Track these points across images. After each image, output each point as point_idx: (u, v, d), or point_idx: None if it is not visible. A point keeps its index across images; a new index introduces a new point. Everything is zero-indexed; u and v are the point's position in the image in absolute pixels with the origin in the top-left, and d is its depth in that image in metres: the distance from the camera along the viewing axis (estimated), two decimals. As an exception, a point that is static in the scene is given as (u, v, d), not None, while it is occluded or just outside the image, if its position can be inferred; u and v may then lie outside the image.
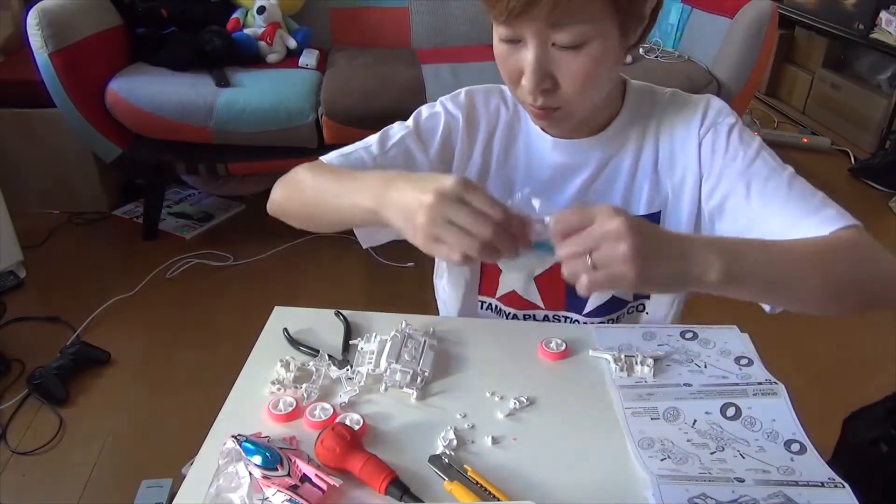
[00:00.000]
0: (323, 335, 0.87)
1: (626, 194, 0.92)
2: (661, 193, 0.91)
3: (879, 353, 2.04)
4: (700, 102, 0.90)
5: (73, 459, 1.64)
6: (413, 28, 2.80)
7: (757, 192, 0.82)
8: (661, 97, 0.92)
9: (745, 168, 0.84)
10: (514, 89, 0.82)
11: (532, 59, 0.75)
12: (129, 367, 1.94)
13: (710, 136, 0.87)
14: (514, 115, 0.93)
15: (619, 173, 0.91)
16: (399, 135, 0.91)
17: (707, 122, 0.88)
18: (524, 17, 0.71)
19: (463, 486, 0.65)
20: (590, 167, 0.91)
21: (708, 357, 0.83)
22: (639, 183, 0.91)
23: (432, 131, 0.92)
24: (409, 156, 0.90)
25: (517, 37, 0.75)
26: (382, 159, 0.89)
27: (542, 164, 0.92)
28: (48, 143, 2.52)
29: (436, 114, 0.93)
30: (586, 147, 0.90)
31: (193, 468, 0.67)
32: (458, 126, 0.92)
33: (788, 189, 0.81)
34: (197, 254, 2.43)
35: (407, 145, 0.90)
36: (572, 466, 0.69)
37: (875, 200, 2.96)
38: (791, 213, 0.79)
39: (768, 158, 0.85)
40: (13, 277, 2.26)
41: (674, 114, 0.90)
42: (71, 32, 2.13)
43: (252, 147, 2.30)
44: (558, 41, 0.73)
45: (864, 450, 1.28)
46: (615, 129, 0.90)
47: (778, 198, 0.81)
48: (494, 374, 0.81)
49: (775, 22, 2.36)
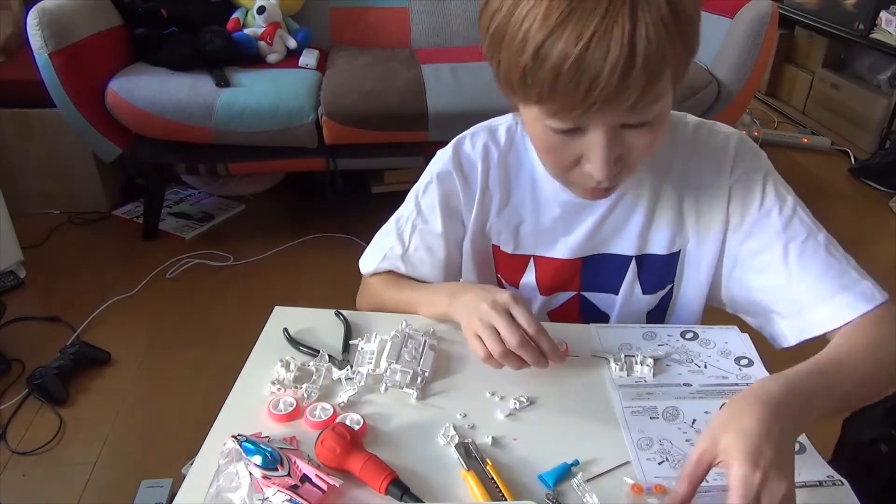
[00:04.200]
0: (323, 335, 0.87)
1: (644, 232, 0.89)
2: (682, 235, 0.89)
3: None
4: (730, 145, 0.86)
5: (73, 459, 1.64)
6: (413, 28, 2.80)
7: (795, 255, 0.81)
8: (682, 129, 0.87)
9: (782, 227, 0.82)
10: (564, 174, 0.77)
11: (604, 147, 0.68)
12: (129, 367, 1.94)
13: (743, 183, 0.85)
14: (510, 151, 0.89)
15: (636, 210, 0.88)
16: (409, 224, 0.94)
17: (738, 169, 0.85)
18: (601, 111, 0.64)
19: (477, 479, 0.65)
20: (603, 205, 0.87)
21: (708, 357, 0.83)
22: (658, 222, 0.88)
23: (431, 209, 0.92)
24: (426, 241, 0.93)
25: (578, 126, 0.69)
26: (408, 257, 0.94)
27: (551, 201, 0.89)
28: (48, 143, 2.52)
29: (429, 186, 0.92)
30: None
31: (193, 468, 0.67)
32: (454, 186, 0.91)
33: (827, 256, 0.81)
34: (197, 254, 2.43)
35: (420, 233, 0.93)
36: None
37: (875, 200, 2.96)
38: (827, 284, 0.79)
39: (805, 218, 0.83)
40: (13, 277, 2.26)
41: (700, 154, 0.86)
42: (71, 32, 2.13)
43: (252, 147, 2.30)
44: (632, 122, 0.68)
45: (864, 450, 1.28)
46: None
47: (816, 266, 0.80)
48: (494, 373, 0.81)
49: (775, 22, 2.36)
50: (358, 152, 2.33)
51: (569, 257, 0.91)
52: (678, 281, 0.92)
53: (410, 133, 2.26)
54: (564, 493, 0.66)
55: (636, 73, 0.61)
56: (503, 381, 0.79)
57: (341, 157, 2.34)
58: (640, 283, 0.92)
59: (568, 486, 0.66)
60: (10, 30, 2.71)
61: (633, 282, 0.92)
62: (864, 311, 0.77)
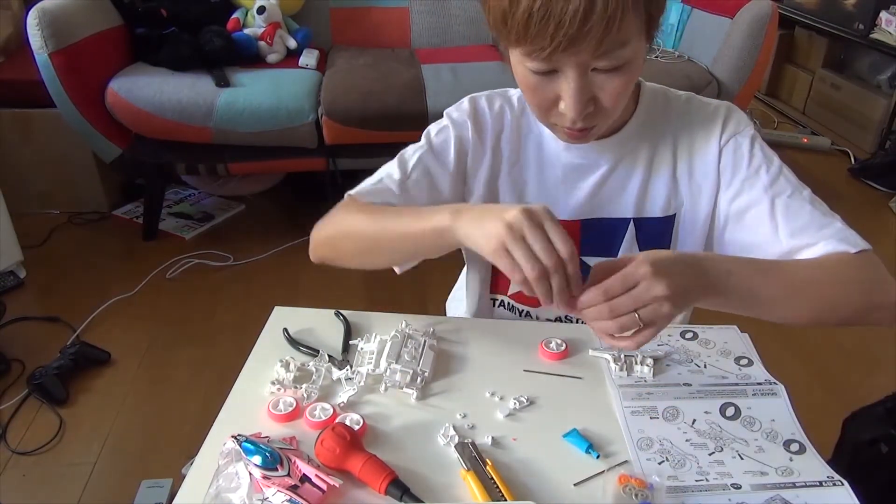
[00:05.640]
0: (323, 335, 0.87)
1: (640, 196, 0.92)
2: (677, 198, 0.93)
3: (879, 353, 2.04)
4: (720, 111, 0.90)
5: (73, 459, 1.64)
6: (413, 28, 2.80)
7: (781, 209, 0.84)
8: (675, 101, 0.93)
9: (769, 183, 0.86)
10: (542, 114, 0.81)
11: (575, 88, 0.74)
12: (129, 367, 1.94)
13: (731, 145, 0.89)
14: (522, 115, 0.94)
15: (633, 175, 0.92)
16: (416, 155, 0.92)
17: (728, 131, 0.89)
18: (568, 52, 0.70)
19: (477, 479, 0.65)
20: (602, 168, 0.92)
21: (708, 357, 0.83)
22: (654, 186, 0.92)
23: (445, 146, 0.93)
24: (430, 174, 0.92)
25: (553, 68, 0.74)
26: (407, 183, 0.90)
27: (555, 163, 0.93)
28: (48, 143, 2.52)
29: (444, 128, 0.94)
30: (599, 149, 0.91)
31: (193, 468, 0.67)
32: (467, 134, 0.93)
33: (812, 209, 0.84)
34: (197, 254, 2.43)
35: (426, 164, 0.92)
36: (572, 466, 0.69)
37: (875, 200, 2.96)
38: (812, 233, 0.82)
39: (790, 176, 0.87)
40: (13, 277, 2.26)
41: (692, 120, 0.91)
42: (71, 32, 2.13)
43: (252, 147, 2.30)
44: (600, 66, 0.73)
45: (864, 450, 1.28)
46: (628, 132, 0.90)
47: (801, 218, 0.83)
48: (494, 374, 0.81)
49: (775, 22, 2.36)
50: (358, 152, 2.33)
51: (568, 218, 0.94)
52: (674, 245, 0.95)
53: (410, 133, 2.25)
54: (563, 491, 0.65)
55: (595, 18, 0.67)
56: (503, 381, 0.79)
57: (341, 157, 2.34)
58: (639, 247, 0.95)
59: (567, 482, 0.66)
60: (10, 30, 2.71)
61: (631, 246, 0.95)
62: (843, 250, 0.79)
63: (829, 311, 0.78)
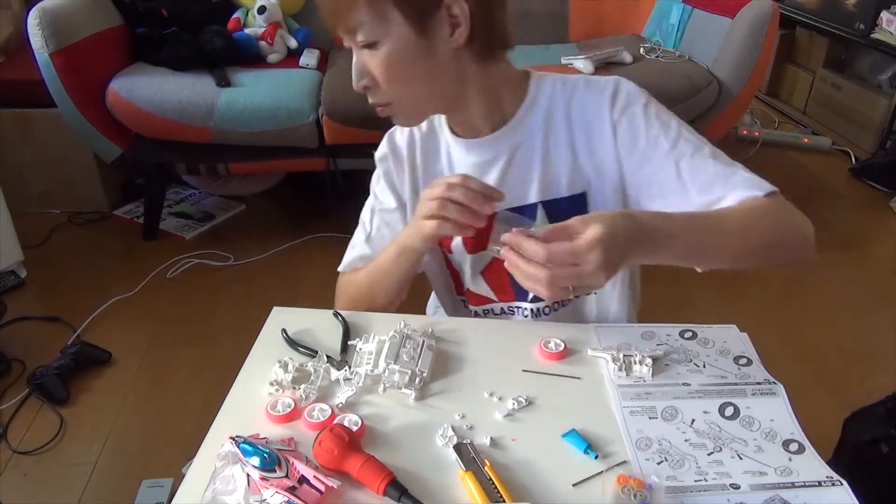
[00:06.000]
0: (321, 336, 0.87)
1: (545, 178, 0.95)
2: (582, 175, 0.95)
3: (879, 353, 2.04)
4: (608, 86, 0.93)
5: (74, 459, 1.64)
6: (413, 28, 2.80)
7: (686, 170, 0.87)
8: (567, 83, 0.96)
9: (670, 148, 0.89)
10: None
11: (353, 61, 0.87)
12: (129, 367, 1.94)
13: (626, 117, 0.91)
14: (430, 132, 1.01)
15: (532, 160, 0.95)
16: (369, 211, 1.06)
17: (619, 104, 0.91)
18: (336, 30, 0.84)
19: (475, 479, 0.65)
20: (501, 159, 0.96)
21: (707, 356, 0.83)
22: (556, 167, 0.95)
23: (384, 191, 1.04)
24: (385, 220, 1.04)
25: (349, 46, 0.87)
26: (372, 237, 1.04)
27: (461, 166, 0.98)
28: (48, 143, 2.53)
29: (377, 175, 1.05)
30: (494, 141, 0.95)
31: (192, 469, 0.67)
32: (390, 166, 1.03)
33: (715, 163, 0.87)
34: (197, 254, 2.43)
35: (379, 215, 1.04)
36: (571, 467, 0.69)
37: (875, 200, 2.95)
38: (719, 187, 0.85)
39: (689, 136, 0.90)
40: (14, 277, 2.27)
41: (584, 98, 0.94)
42: (71, 32, 2.13)
43: (252, 147, 2.30)
44: (358, 42, 0.84)
45: (864, 450, 1.28)
46: (517, 120, 0.94)
47: (706, 175, 0.87)
48: (493, 374, 0.81)
49: (776, 22, 2.35)
50: (358, 152, 2.33)
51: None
52: None
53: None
54: (563, 491, 0.65)
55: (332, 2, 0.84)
56: (502, 382, 0.79)
57: (341, 157, 2.34)
58: None
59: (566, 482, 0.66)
60: (11, 30, 2.71)
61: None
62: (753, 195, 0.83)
63: (754, 252, 0.82)
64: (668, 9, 2.70)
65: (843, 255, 2.43)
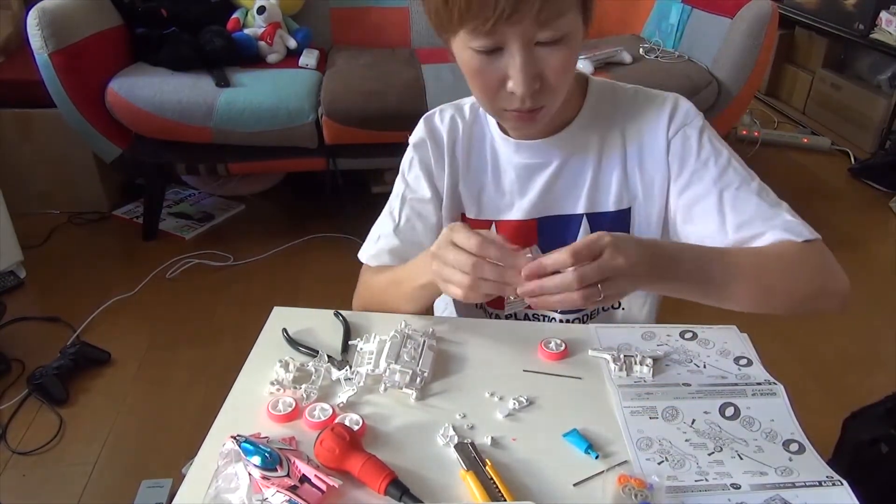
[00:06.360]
0: (322, 335, 0.87)
1: (592, 191, 0.93)
2: (630, 191, 0.93)
3: (879, 353, 2.04)
4: (667, 102, 0.91)
5: (73, 459, 1.64)
6: (413, 28, 2.80)
7: (729, 202, 0.85)
8: (623, 94, 0.94)
9: (718, 176, 0.87)
10: (490, 99, 0.81)
11: (521, 62, 0.75)
12: (129, 367, 1.94)
13: (680, 137, 0.89)
14: (474, 123, 0.97)
15: (584, 171, 0.93)
16: (399, 199, 0.98)
17: (675, 123, 0.90)
18: (511, 21, 0.71)
19: (476, 479, 0.65)
20: (552, 165, 0.93)
21: (707, 357, 0.83)
22: (605, 180, 0.93)
23: (418, 180, 0.98)
24: (416, 210, 0.97)
25: (497, 45, 0.75)
26: (400, 228, 0.97)
27: (507, 165, 0.95)
28: (48, 143, 2.52)
29: (411, 159, 0.99)
30: (548, 146, 0.92)
31: (193, 468, 0.67)
32: (427, 154, 0.97)
33: (759, 201, 0.85)
34: (197, 254, 2.43)
35: (410, 204, 0.98)
36: (572, 466, 0.69)
37: (875, 200, 2.96)
38: (758, 225, 0.83)
39: (739, 168, 0.88)
40: (13, 277, 2.27)
41: (640, 113, 0.92)
42: (71, 32, 2.13)
43: (252, 147, 2.30)
44: (543, 38, 0.74)
45: (864, 450, 1.28)
46: (576, 127, 0.91)
47: (748, 211, 0.84)
48: (494, 374, 0.81)
49: (775, 22, 2.36)
50: (358, 152, 2.33)
51: (523, 218, 0.95)
52: None
53: (411, 133, 2.26)
54: (563, 491, 0.66)
55: None
56: (502, 382, 0.79)
57: (341, 157, 2.34)
58: None
59: (567, 482, 0.66)
60: (10, 30, 2.71)
61: None
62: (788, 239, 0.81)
63: (777, 297, 0.80)
64: (667, 9, 2.71)
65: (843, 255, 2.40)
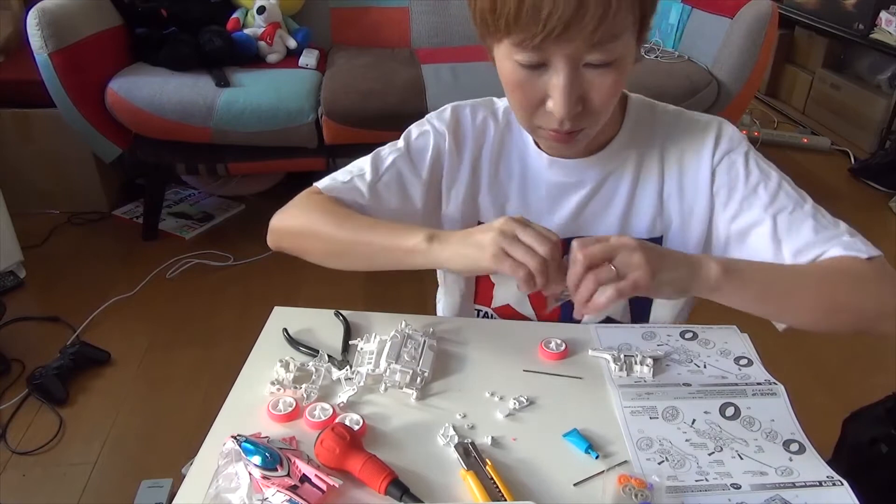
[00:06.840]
0: (322, 335, 0.87)
1: (625, 216, 0.90)
2: (664, 219, 0.90)
3: (879, 353, 2.04)
4: (710, 128, 0.87)
5: (73, 459, 1.64)
6: (413, 28, 2.80)
7: (784, 226, 0.82)
8: (664, 115, 0.90)
9: (769, 201, 0.83)
10: (528, 116, 0.78)
11: (565, 82, 0.71)
12: (129, 367, 1.94)
13: (725, 164, 0.86)
14: (506, 128, 0.91)
15: (617, 194, 0.89)
16: (391, 157, 0.91)
17: (720, 150, 0.86)
18: (561, 39, 0.67)
19: (477, 479, 0.65)
20: (586, 186, 0.89)
21: (707, 357, 0.83)
22: (639, 206, 0.89)
23: (422, 152, 0.91)
24: (402, 179, 0.90)
25: (543, 61, 0.71)
26: (377, 186, 0.89)
27: (538, 181, 0.90)
28: (48, 143, 2.52)
29: (425, 133, 0.92)
30: (584, 166, 0.88)
31: (193, 468, 0.67)
32: (445, 145, 0.91)
33: (815, 223, 0.82)
34: (197, 254, 2.43)
35: (399, 168, 0.90)
36: (572, 466, 0.69)
37: (875, 200, 2.96)
38: (817, 247, 0.80)
39: (790, 190, 0.85)
40: (13, 277, 2.26)
41: (681, 139, 0.88)
42: (71, 32, 2.13)
43: (252, 147, 2.30)
44: (592, 60, 0.70)
45: (864, 450, 1.28)
46: (614, 148, 0.88)
47: (805, 235, 0.81)
48: (494, 374, 0.81)
49: (775, 22, 2.36)
50: (358, 152, 2.31)
51: None
52: None
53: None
54: (563, 491, 0.66)
55: (592, 1, 0.65)
56: (503, 382, 0.79)
57: (341, 157, 2.34)
58: None
59: (567, 482, 0.66)
60: (10, 30, 2.71)
61: None
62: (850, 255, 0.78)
63: (837, 314, 0.77)
64: (667, 9, 2.71)
65: (843, 255, 2.43)
